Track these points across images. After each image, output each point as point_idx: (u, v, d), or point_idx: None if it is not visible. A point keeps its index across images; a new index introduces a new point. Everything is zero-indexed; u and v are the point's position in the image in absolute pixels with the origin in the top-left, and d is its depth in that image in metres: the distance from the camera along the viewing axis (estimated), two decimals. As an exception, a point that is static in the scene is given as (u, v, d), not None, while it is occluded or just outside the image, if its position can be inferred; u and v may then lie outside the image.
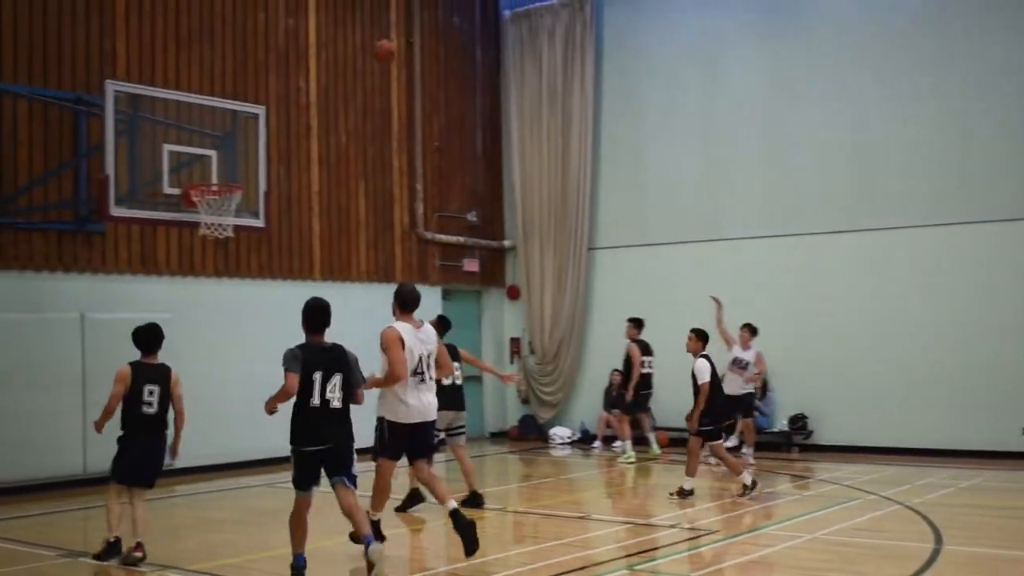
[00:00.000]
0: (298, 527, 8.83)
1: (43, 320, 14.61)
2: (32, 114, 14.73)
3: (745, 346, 16.38)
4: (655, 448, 17.55)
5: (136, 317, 11.54)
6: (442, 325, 12.92)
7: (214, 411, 14.79)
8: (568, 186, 20.70)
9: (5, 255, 14.41)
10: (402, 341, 9.62)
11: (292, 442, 8.69)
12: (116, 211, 12.94)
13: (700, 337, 13.39)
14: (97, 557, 9.95)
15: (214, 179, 13.58)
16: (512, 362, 21.81)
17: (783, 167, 18.80)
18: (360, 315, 13.42)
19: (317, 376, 8.56)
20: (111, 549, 9.91)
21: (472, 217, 21.16)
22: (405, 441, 9.95)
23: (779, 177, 18.84)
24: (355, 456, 9.05)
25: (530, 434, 21.11)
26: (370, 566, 8.53)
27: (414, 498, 12.28)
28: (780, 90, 18.92)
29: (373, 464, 10.34)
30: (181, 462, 15.19)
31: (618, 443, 18.36)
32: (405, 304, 9.87)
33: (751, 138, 19.17)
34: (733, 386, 16.04)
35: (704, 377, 13.01)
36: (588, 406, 20.60)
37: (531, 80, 21.30)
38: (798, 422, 18.07)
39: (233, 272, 16.95)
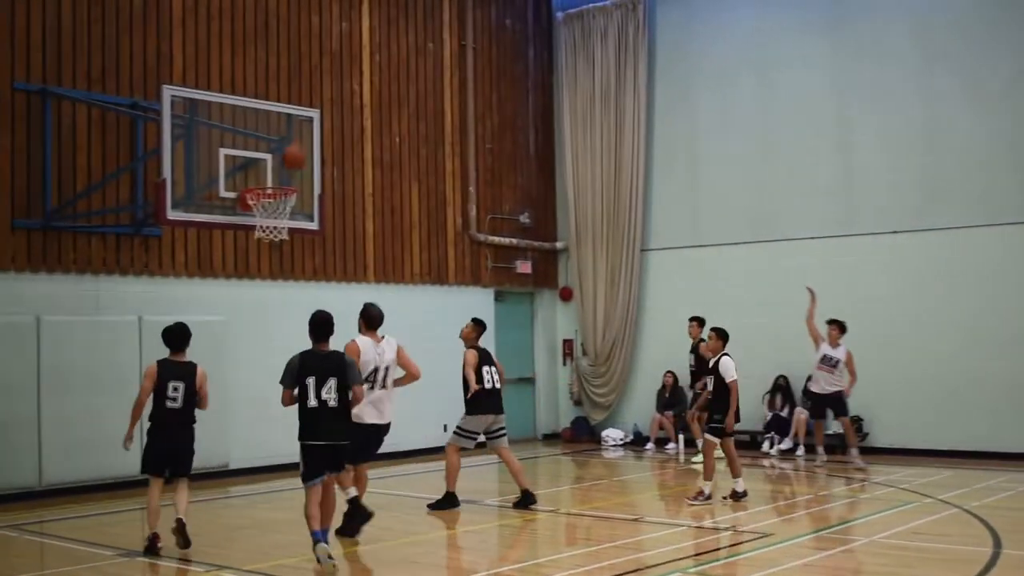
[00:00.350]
0: (312, 517, 9.60)
1: (102, 323, 14.79)
2: (90, 119, 14.92)
3: (834, 344, 16.11)
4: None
5: (193, 320, 11.69)
6: (478, 328, 13.12)
7: (268, 412, 14.87)
8: (621, 187, 20.65)
9: (64, 259, 14.61)
10: (358, 353, 10.74)
11: (300, 437, 9.73)
12: (173, 215, 13.05)
13: (721, 336, 13.30)
14: (146, 552, 10.33)
15: (269, 182, 13.64)
16: (565, 364, 21.79)
17: (844, 166, 18.60)
18: (413, 317, 13.45)
19: (310, 381, 9.61)
20: (150, 546, 10.26)
21: (525, 219, 21.17)
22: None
23: (839, 176, 18.64)
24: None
25: (582, 436, 21.08)
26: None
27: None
28: (842, 87, 18.70)
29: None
30: (235, 463, 15.45)
31: (671, 445, 18.31)
32: (371, 322, 11.13)
33: (809, 137, 18.99)
34: (821, 385, 15.89)
35: (732, 375, 12.94)
36: (640, 408, 20.52)
37: (583, 81, 21.27)
38: (853, 424, 17.87)
39: (288, 275, 17.08)
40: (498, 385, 12.92)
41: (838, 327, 16.26)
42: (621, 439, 20.43)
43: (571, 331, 21.82)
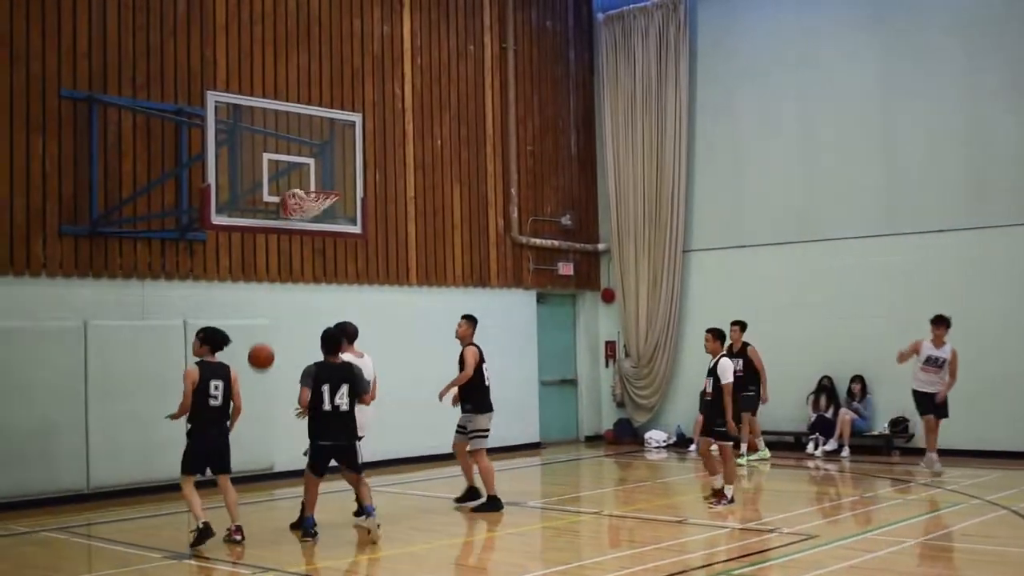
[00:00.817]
0: (310, 502, 11.08)
1: (148, 327, 14.94)
2: (135, 126, 15.08)
3: (939, 344, 15.50)
4: (764, 451, 17.42)
5: (237, 324, 11.81)
6: (473, 324, 13.34)
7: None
8: (663, 188, 20.61)
9: (111, 264, 14.77)
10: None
11: (310, 436, 10.97)
12: (217, 219, 13.15)
13: (717, 337, 13.28)
14: (193, 546, 10.52)
15: (312, 186, 13.71)
16: (607, 365, 21.76)
17: (888, 165, 18.45)
18: (455, 320, 13.46)
19: (326, 388, 10.85)
20: (203, 534, 10.50)
21: (566, 220, 21.17)
22: None
23: (882, 175, 18.50)
24: (359, 450, 11.25)
25: (625, 438, 21.05)
26: (368, 530, 10.80)
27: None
28: (885, 85, 18.54)
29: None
30: (280, 466, 15.54)
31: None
32: (351, 338, 11.96)
33: (852, 136, 18.85)
34: (923, 384, 15.51)
35: (728, 377, 12.87)
36: (683, 409, 20.45)
37: (624, 82, 21.25)
38: (899, 425, 17.76)
39: (331, 278, 17.17)
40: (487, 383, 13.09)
41: (945, 325, 15.48)
42: (664, 441, 20.37)
43: (613, 333, 21.79)
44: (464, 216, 19.24)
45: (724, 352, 13.27)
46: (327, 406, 10.85)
